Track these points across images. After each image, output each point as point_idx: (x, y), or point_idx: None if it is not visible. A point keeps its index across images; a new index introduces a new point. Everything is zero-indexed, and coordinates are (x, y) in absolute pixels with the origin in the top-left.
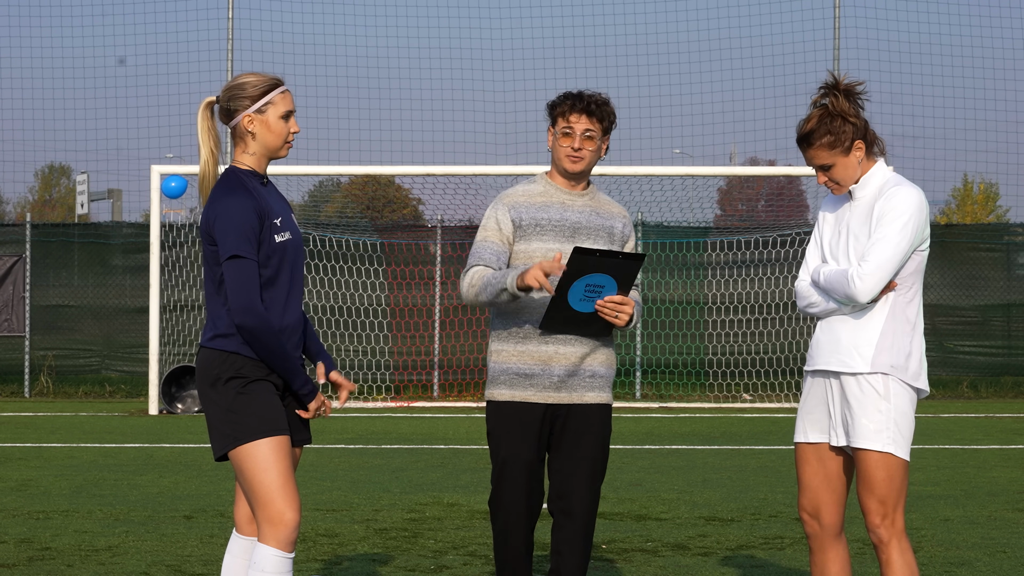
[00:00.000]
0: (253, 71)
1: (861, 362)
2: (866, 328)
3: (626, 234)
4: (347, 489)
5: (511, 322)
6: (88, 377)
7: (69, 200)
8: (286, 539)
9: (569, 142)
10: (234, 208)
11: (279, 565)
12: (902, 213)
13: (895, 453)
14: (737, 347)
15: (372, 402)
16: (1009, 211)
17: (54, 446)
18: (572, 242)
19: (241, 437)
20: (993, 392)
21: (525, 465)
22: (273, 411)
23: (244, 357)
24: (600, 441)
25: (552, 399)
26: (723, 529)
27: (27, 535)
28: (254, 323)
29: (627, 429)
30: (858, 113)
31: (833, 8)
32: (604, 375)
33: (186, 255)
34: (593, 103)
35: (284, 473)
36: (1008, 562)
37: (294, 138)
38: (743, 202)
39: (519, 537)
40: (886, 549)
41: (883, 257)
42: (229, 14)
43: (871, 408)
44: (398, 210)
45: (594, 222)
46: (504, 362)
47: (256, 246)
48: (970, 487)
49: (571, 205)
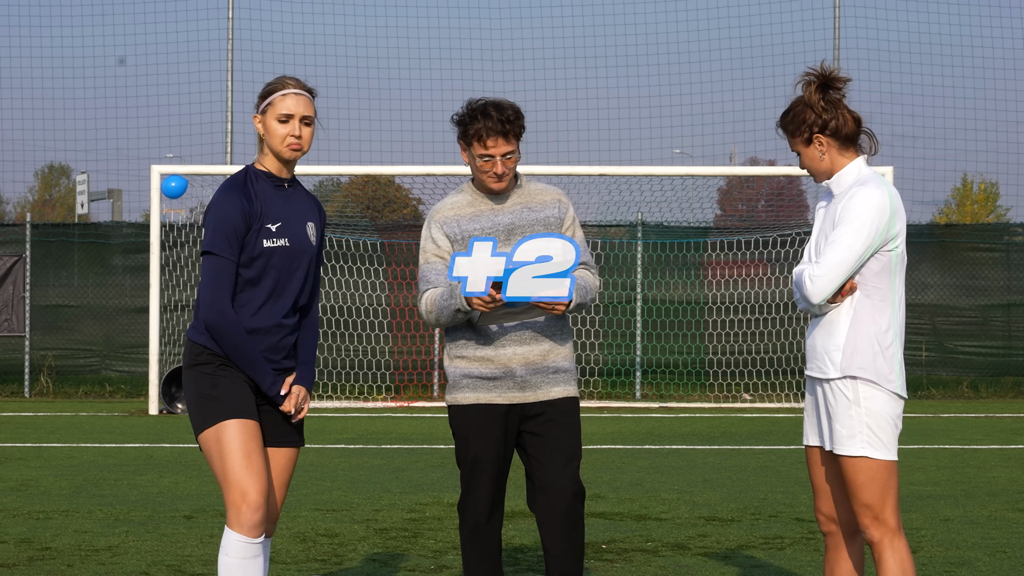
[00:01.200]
0: (289, 76)
1: (832, 368)
2: (834, 333)
3: (561, 217)
4: (347, 489)
5: (467, 330)
6: (88, 377)
7: (69, 200)
8: (248, 522)
9: (490, 167)
10: (220, 207)
11: (243, 550)
12: (858, 215)
13: (872, 456)
14: (737, 347)
15: (372, 402)
16: (1009, 211)
17: (54, 446)
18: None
19: (207, 420)
20: (993, 392)
21: (493, 463)
22: (238, 397)
23: (210, 351)
24: (572, 431)
25: (517, 399)
26: (723, 529)
27: (27, 535)
28: (215, 319)
29: (627, 429)
30: (827, 107)
31: (833, 8)
32: (568, 369)
33: (186, 255)
34: (507, 123)
35: (246, 455)
36: (1008, 562)
37: (296, 142)
38: (743, 202)
39: (488, 537)
40: (877, 549)
41: (835, 259)
42: (229, 14)
43: (843, 413)
44: (398, 210)
45: (527, 218)
46: (465, 367)
47: (237, 246)
48: (970, 487)
49: (501, 208)
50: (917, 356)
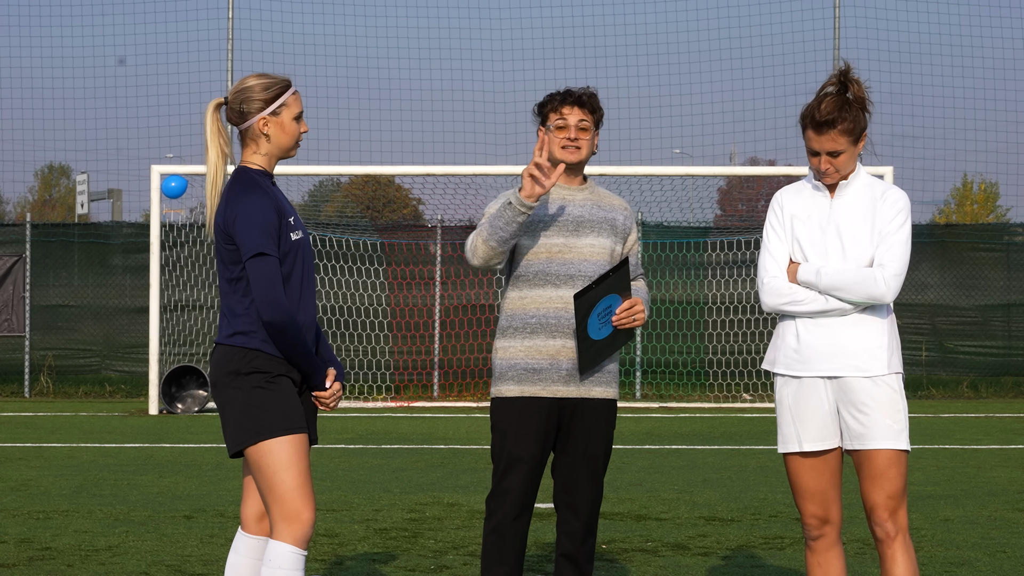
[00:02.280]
0: (259, 72)
1: (877, 365)
2: (873, 330)
3: (628, 227)
4: (347, 489)
5: (517, 319)
6: (88, 377)
7: (69, 200)
8: (303, 536)
9: (564, 133)
10: (255, 206)
11: (295, 562)
12: (907, 215)
13: (908, 449)
14: (737, 347)
15: (372, 402)
16: (1009, 211)
17: (54, 446)
18: (576, 236)
19: (263, 433)
20: (993, 392)
21: (532, 461)
22: (295, 409)
23: (266, 354)
24: (606, 438)
25: (561, 393)
26: (723, 529)
27: (27, 535)
28: (282, 318)
29: (627, 429)
30: (863, 102)
31: (833, 8)
32: (610, 369)
33: (186, 255)
34: (584, 95)
35: (304, 472)
36: (1008, 562)
37: (303, 138)
38: (743, 202)
39: (514, 533)
40: (892, 544)
41: (904, 260)
42: (229, 14)
43: (891, 409)
44: (398, 210)
45: (596, 215)
46: (512, 358)
47: (277, 243)
48: (970, 487)
49: (572, 200)
50: (917, 356)
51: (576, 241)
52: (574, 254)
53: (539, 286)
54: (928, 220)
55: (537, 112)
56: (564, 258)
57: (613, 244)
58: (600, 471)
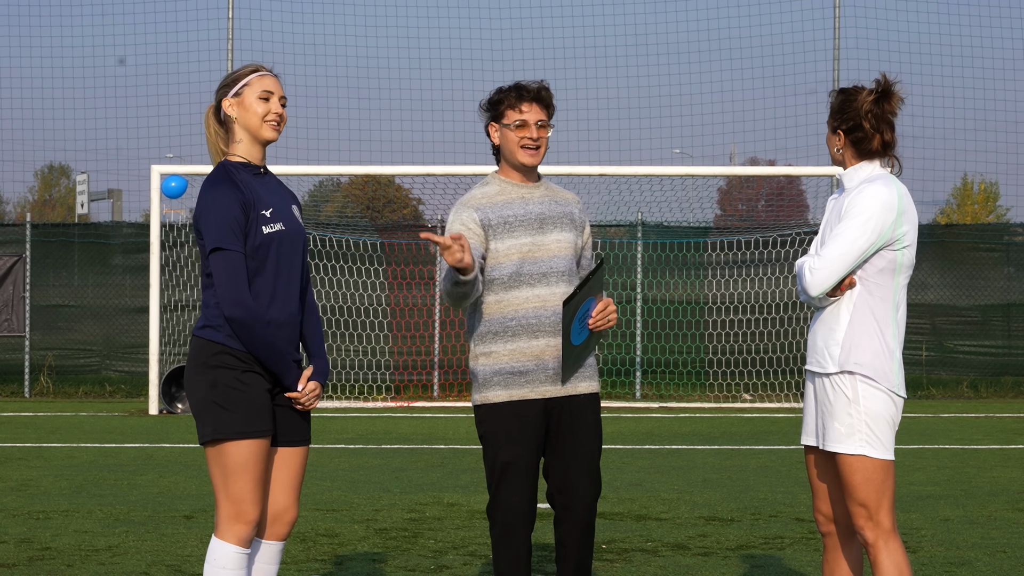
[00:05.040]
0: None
1: (830, 362)
2: (834, 328)
3: (583, 219)
4: (347, 489)
5: (496, 323)
6: (88, 377)
7: (69, 200)
8: (247, 537)
9: (525, 132)
10: (217, 201)
11: (239, 561)
12: (864, 210)
13: (869, 454)
14: (737, 347)
15: (372, 402)
16: (1009, 211)
17: (54, 446)
18: (542, 233)
19: (220, 431)
20: (993, 392)
21: (526, 467)
22: (260, 410)
23: (232, 349)
24: (595, 432)
25: (549, 393)
26: (723, 529)
27: (27, 535)
28: (243, 315)
29: (627, 429)
30: (871, 117)
31: (833, 8)
32: (590, 363)
33: (186, 255)
34: (542, 90)
35: (258, 477)
36: (1008, 562)
37: (278, 119)
38: (743, 202)
39: (521, 540)
40: (872, 550)
41: (836, 253)
42: (229, 14)
43: (841, 411)
44: (398, 210)
45: (556, 211)
46: (496, 363)
47: (242, 238)
48: (970, 487)
49: (531, 198)
50: (917, 356)
51: (543, 239)
52: (543, 251)
53: (514, 287)
54: (928, 220)
55: (488, 108)
56: (535, 257)
57: (575, 238)
58: (595, 466)
